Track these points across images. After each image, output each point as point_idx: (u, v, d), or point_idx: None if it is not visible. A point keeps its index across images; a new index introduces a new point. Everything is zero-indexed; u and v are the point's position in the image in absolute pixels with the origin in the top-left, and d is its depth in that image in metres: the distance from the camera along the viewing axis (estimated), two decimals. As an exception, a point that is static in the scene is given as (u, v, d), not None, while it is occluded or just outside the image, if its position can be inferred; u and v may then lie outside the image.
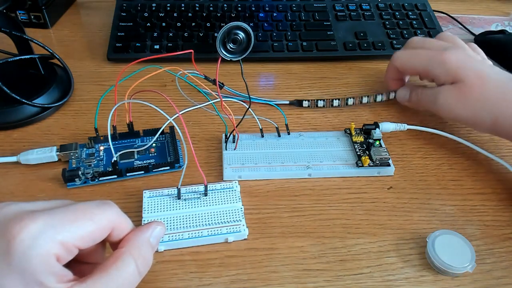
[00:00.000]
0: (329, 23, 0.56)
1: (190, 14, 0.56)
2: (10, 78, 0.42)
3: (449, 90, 0.39)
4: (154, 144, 0.40)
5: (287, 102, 0.46)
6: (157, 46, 0.51)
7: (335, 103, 0.45)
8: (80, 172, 0.37)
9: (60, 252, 0.23)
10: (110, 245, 0.27)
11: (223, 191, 0.36)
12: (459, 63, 0.38)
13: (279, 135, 0.41)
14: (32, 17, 0.55)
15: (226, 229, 0.33)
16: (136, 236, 0.26)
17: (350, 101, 0.46)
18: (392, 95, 0.46)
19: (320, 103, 0.45)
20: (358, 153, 0.40)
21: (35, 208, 0.24)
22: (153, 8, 0.56)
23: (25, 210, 0.23)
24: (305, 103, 0.45)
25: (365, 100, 0.45)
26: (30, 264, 0.22)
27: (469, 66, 0.38)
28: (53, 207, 0.25)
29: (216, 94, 0.37)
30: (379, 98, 0.45)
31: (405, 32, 0.55)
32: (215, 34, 0.53)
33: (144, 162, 0.39)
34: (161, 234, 0.28)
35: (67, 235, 0.23)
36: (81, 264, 0.26)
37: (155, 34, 0.53)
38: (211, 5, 0.57)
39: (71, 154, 0.38)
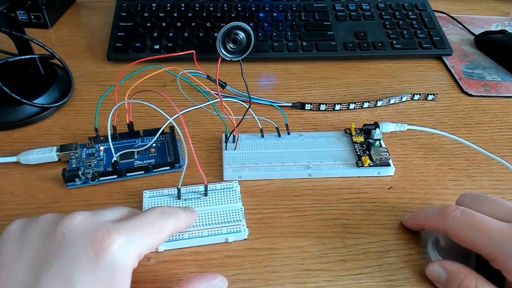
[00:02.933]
0: (329, 23, 0.56)
1: (190, 14, 0.56)
2: (10, 78, 0.42)
3: None
4: (154, 144, 0.40)
5: (290, 104, 0.46)
6: (157, 46, 0.51)
7: (337, 107, 0.45)
8: (80, 172, 0.37)
9: (136, 263, 0.25)
10: None
11: (223, 191, 0.36)
12: None
13: (279, 135, 0.41)
14: (32, 17, 0.55)
15: (226, 229, 0.33)
16: (198, 282, 0.27)
17: (352, 106, 0.46)
18: (392, 101, 0.46)
19: (322, 107, 0.45)
20: (358, 153, 0.40)
21: (109, 218, 0.26)
22: (153, 8, 0.56)
23: (105, 221, 0.25)
24: (308, 106, 0.45)
25: (366, 105, 0.46)
26: (114, 276, 0.23)
27: None
28: (122, 217, 0.27)
29: (216, 94, 0.37)
30: (379, 103, 0.46)
31: (405, 32, 0.55)
32: (215, 34, 0.53)
33: (144, 162, 0.39)
34: None
35: (143, 248, 0.26)
36: None
37: (155, 34, 0.53)
38: (211, 5, 0.57)
39: (71, 154, 0.38)
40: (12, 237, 0.25)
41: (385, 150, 0.39)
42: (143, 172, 0.38)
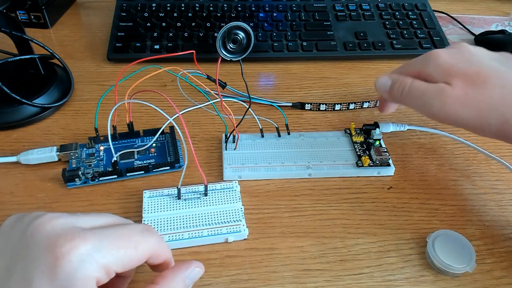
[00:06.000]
0: (329, 23, 0.56)
1: (190, 14, 0.56)
2: (10, 78, 0.42)
3: (450, 89, 0.32)
4: (154, 144, 0.40)
5: (290, 104, 0.46)
6: (157, 46, 0.51)
7: (337, 107, 0.45)
8: (80, 172, 0.37)
9: (101, 275, 0.23)
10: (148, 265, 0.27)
11: (223, 191, 0.36)
12: (452, 59, 0.33)
13: (279, 135, 0.41)
14: (32, 17, 0.55)
15: (226, 229, 0.33)
16: (173, 275, 0.26)
17: (352, 106, 0.46)
18: None
19: (322, 107, 0.45)
20: (358, 153, 0.40)
21: (83, 224, 0.24)
22: (153, 8, 0.56)
23: (74, 227, 0.24)
24: (308, 106, 0.45)
25: (366, 105, 0.46)
26: (73, 286, 0.22)
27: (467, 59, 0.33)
28: (101, 225, 0.25)
29: (216, 94, 0.37)
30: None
31: (405, 32, 0.55)
32: (215, 34, 0.53)
33: (144, 162, 0.39)
34: (198, 276, 0.27)
35: (112, 260, 0.24)
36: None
37: (155, 34, 0.53)
38: (211, 5, 0.57)
39: (71, 154, 0.38)
40: (1, 232, 0.25)
41: (385, 150, 0.39)
42: (143, 172, 0.38)
